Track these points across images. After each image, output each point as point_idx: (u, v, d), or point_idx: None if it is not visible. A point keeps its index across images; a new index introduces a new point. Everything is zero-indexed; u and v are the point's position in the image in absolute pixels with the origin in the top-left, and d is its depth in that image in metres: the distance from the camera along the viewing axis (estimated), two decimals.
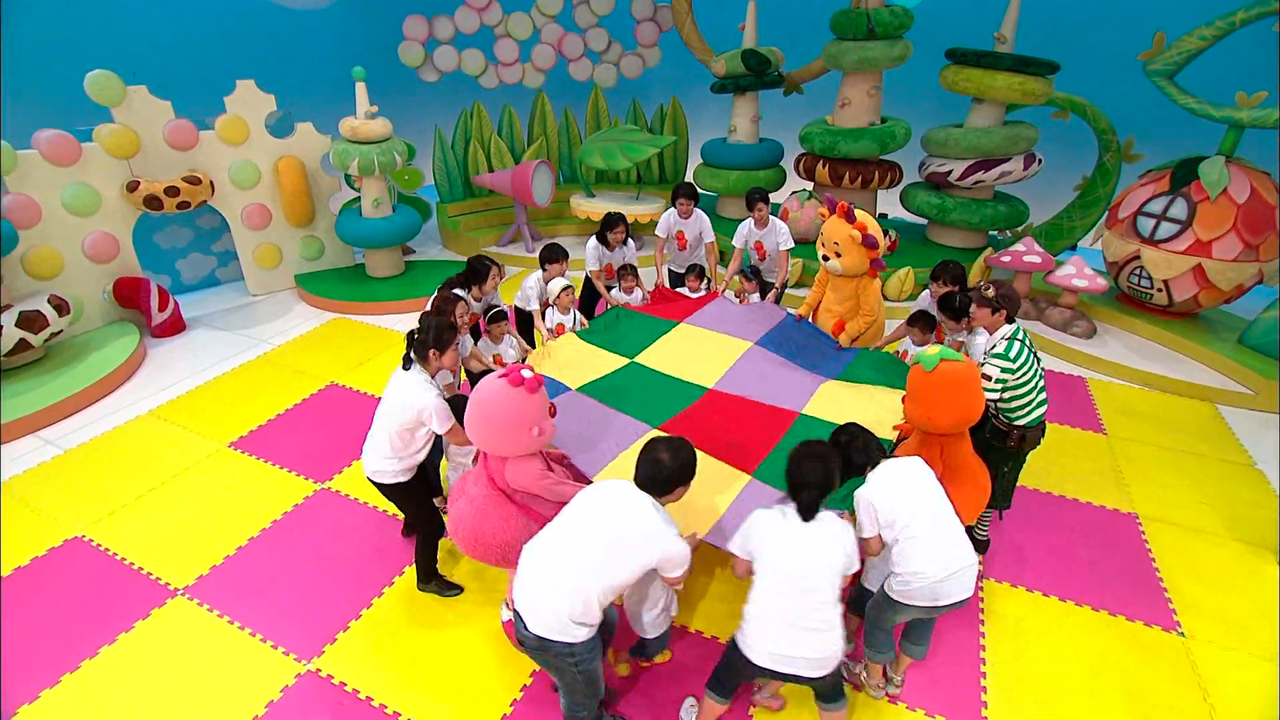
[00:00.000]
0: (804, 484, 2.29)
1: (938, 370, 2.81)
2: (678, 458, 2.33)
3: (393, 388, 3.02)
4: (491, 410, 2.63)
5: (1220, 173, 5.66)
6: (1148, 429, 5.07)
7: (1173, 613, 3.46)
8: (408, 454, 3.06)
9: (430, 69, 8.29)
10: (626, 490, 2.33)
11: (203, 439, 4.68)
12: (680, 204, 5.18)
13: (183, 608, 3.35)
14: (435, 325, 3.01)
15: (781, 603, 2.28)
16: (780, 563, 2.28)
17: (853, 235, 4.12)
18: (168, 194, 5.76)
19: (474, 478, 2.86)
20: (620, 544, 2.23)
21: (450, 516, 2.86)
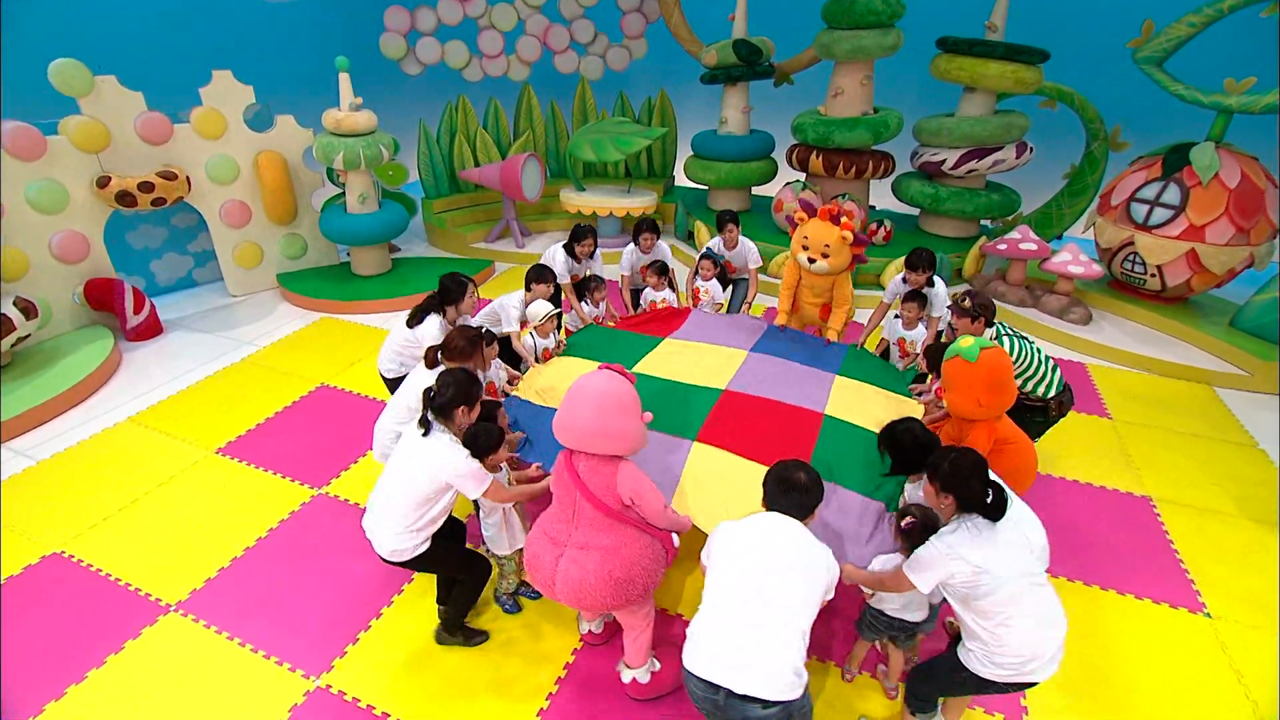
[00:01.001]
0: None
1: (981, 360, 2.93)
2: (810, 473, 2.25)
3: (412, 456, 2.64)
4: (606, 399, 2.38)
5: (1211, 158, 5.71)
6: (1151, 412, 5.09)
7: (1197, 594, 3.44)
8: (428, 523, 2.70)
9: (413, 61, 8.05)
10: (783, 523, 2.18)
11: (188, 445, 4.43)
12: (643, 239, 5.04)
13: (177, 625, 3.13)
14: (458, 381, 2.68)
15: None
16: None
17: (844, 236, 4.23)
18: (141, 190, 5.47)
19: (566, 521, 2.48)
20: (811, 576, 2.10)
21: (559, 575, 2.44)
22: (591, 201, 7.56)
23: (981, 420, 3.07)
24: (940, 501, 2.30)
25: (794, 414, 3.64)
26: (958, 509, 2.25)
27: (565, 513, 2.50)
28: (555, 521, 2.54)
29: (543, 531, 2.56)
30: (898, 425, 2.82)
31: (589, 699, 2.79)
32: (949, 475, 2.24)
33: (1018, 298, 6.55)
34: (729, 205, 7.96)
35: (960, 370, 3.00)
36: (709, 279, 5.01)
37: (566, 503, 2.50)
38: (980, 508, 2.18)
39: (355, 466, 4.23)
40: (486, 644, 3.04)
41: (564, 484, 2.50)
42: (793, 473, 2.23)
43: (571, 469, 2.48)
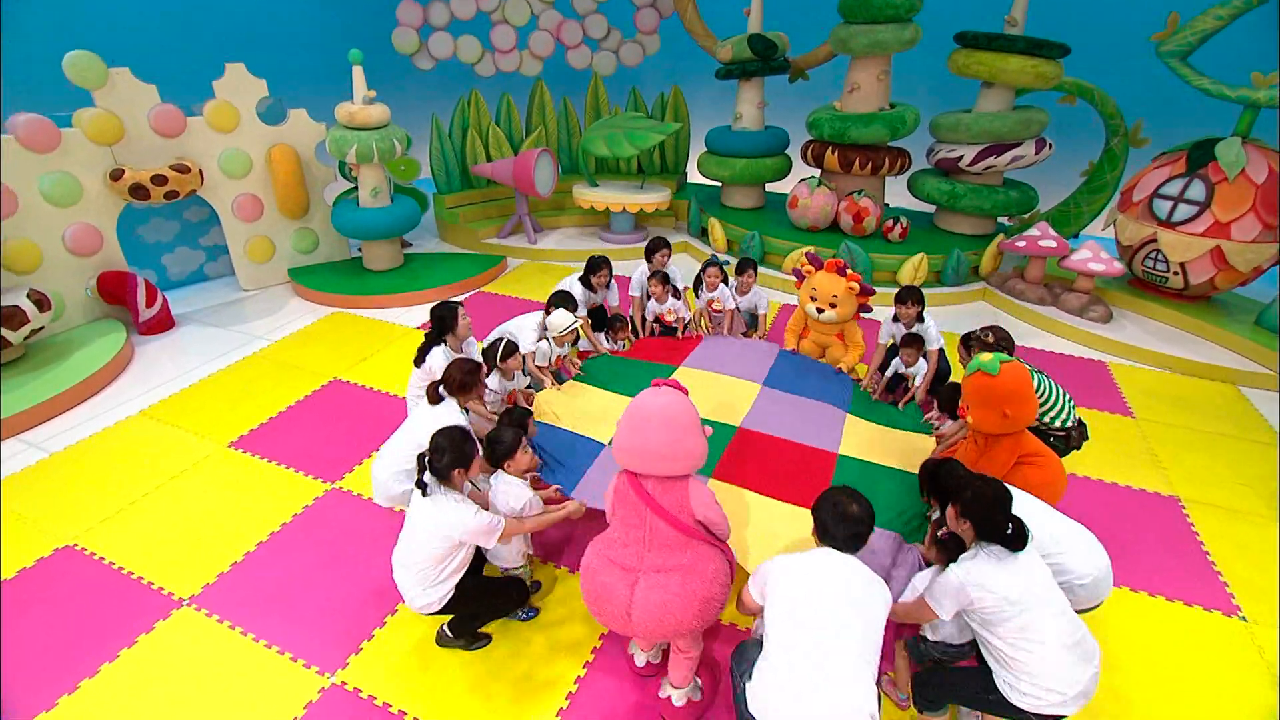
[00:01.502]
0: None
1: (1003, 372, 2.98)
2: (863, 503, 2.21)
3: (421, 518, 2.63)
4: (673, 418, 2.34)
5: (1237, 153, 5.61)
6: (1174, 411, 4.99)
7: (1231, 597, 3.35)
8: (450, 575, 2.69)
9: (425, 56, 8.02)
10: (841, 562, 2.15)
11: (200, 439, 4.40)
12: (658, 258, 5.06)
13: (190, 619, 3.09)
14: (452, 443, 2.63)
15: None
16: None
17: (850, 287, 4.47)
18: (154, 183, 5.45)
19: (638, 545, 2.35)
20: (875, 615, 2.07)
21: (636, 604, 2.31)
22: (604, 197, 7.50)
23: (1006, 434, 3.08)
24: (960, 526, 2.34)
25: (808, 454, 3.72)
26: (976, 536, 2.28)
27: (635, 536, 2.38)
28: (622, 547, 2.40)
29: (608, 560, 2.41)
30: (940, 465, 2.81)
31: (611, 699, 2.72)
32: (971, 502, 2.27)
33: (1037, 296, 6.45)
34: (744, 201, 7.91)
35: (983, 384, 3.04)
36: (715, 287, 5.00)
37: (636, 525, 2.38)
38: (1000, 539, 2.21)
39: (369, 461, 4.18)
40: (505, 643, 2.98)
41: (632, 506, 2.40)
42: (846, 505, 2.19)
43: (640, 490, 2.39)
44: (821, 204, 6.87)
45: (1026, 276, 6.62)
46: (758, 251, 7.10)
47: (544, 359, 4.36)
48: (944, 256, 6.67)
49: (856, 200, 6.80)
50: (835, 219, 7.06)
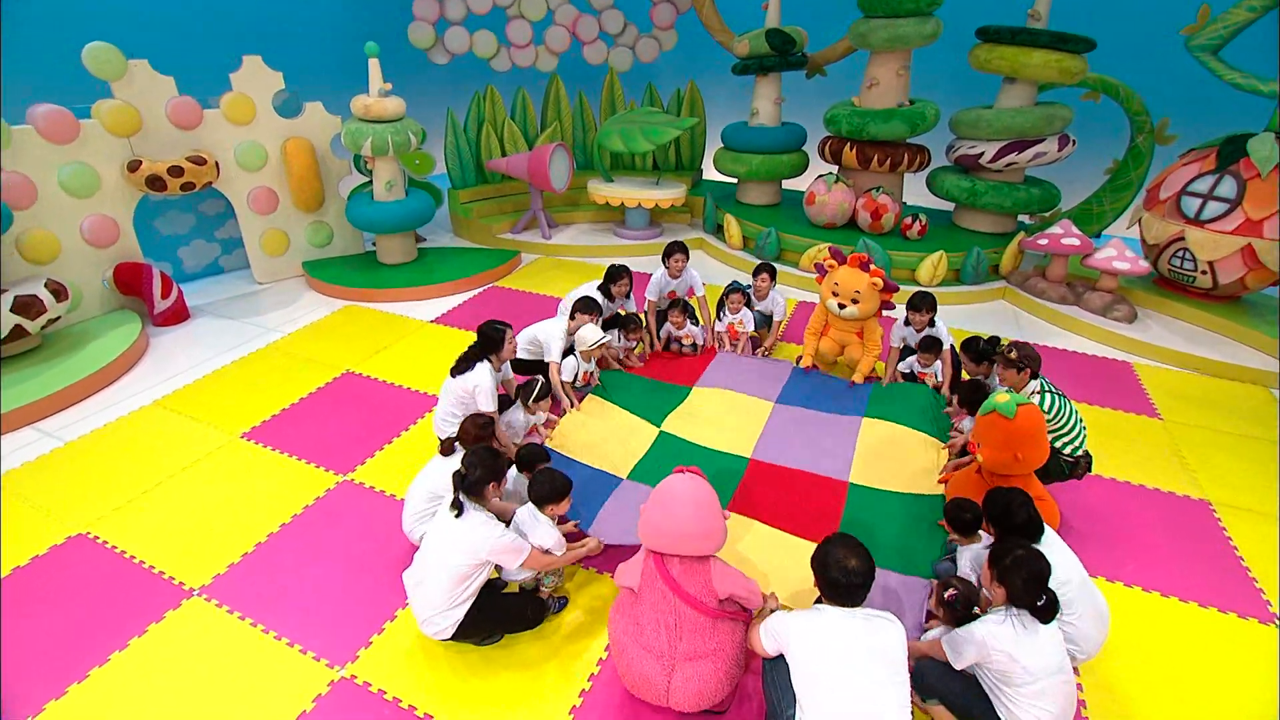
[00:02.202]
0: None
1: (1019, 415, 3.02)
2: (862, 558, 2.20)
3: (448, 537, 2.69)
4: (702, 504, 2.45)
5: (1271, 149, 5.46)
6: (1203, 413, 4.86)
7: (1267, 604, 3.24)
8: (467, 598, 2.71)
9: (441, 51, 8.00)
10: (850, 623, 2.17)
11: (213, 430, 4.38)
12: (674, 260, 5.04)
13: (200, 609, 3.06)
14: (483, 460, 2.79)
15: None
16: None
17: (874, 283, 4.44)
18: (171, 174, 5.45)
19: (669, 632, 2.39)
20: (896, 660, 2.13)
21: (673, 691, 2.38)
22: (619, 193, 7.45)
23: (1016, 475, 3.13)
24: (993, 588, 2.35)
25: (819, 484, 3.77)
26: (1009, 601, 2.29)
27: (665, 623, 2.43)
28: (654, 635, 2.43)
29: (642, 648, 2.44)
30: (964, 510, 2.87)
31: (625, 698, 2.66)
32: (1009, 570, 2.27)
33: (1059, 295, 6.32)
34: (760, 198, 7.83)
35: (997, 426, 3.07)
36: (738, 310, 5.02)
37: (665, 611, 2.43)
38: (1030, 609, 2.24)
39: (380, 454, 4.15)
40: (519, 639, 2.92)
41: (658, 591, 2.45)
42: (846, 561, 2.19)
43: (666, 575, 2.44)
44: (839, 201, 6.78)
45: (1048, 275, 6.49)
46: (774, 248, 7.02)
47: (570, 374, 4.35)
48: (963, 254, 6.56)
49: (875, 197, 6.70)
50: (853, 216, 6.96)
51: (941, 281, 6.58)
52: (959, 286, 6.62)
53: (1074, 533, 3.61)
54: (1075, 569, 2.64)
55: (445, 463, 3.07)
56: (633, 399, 4.41)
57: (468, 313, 6.16)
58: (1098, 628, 2.62)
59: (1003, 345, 3.68)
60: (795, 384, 4.70)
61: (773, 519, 3.45)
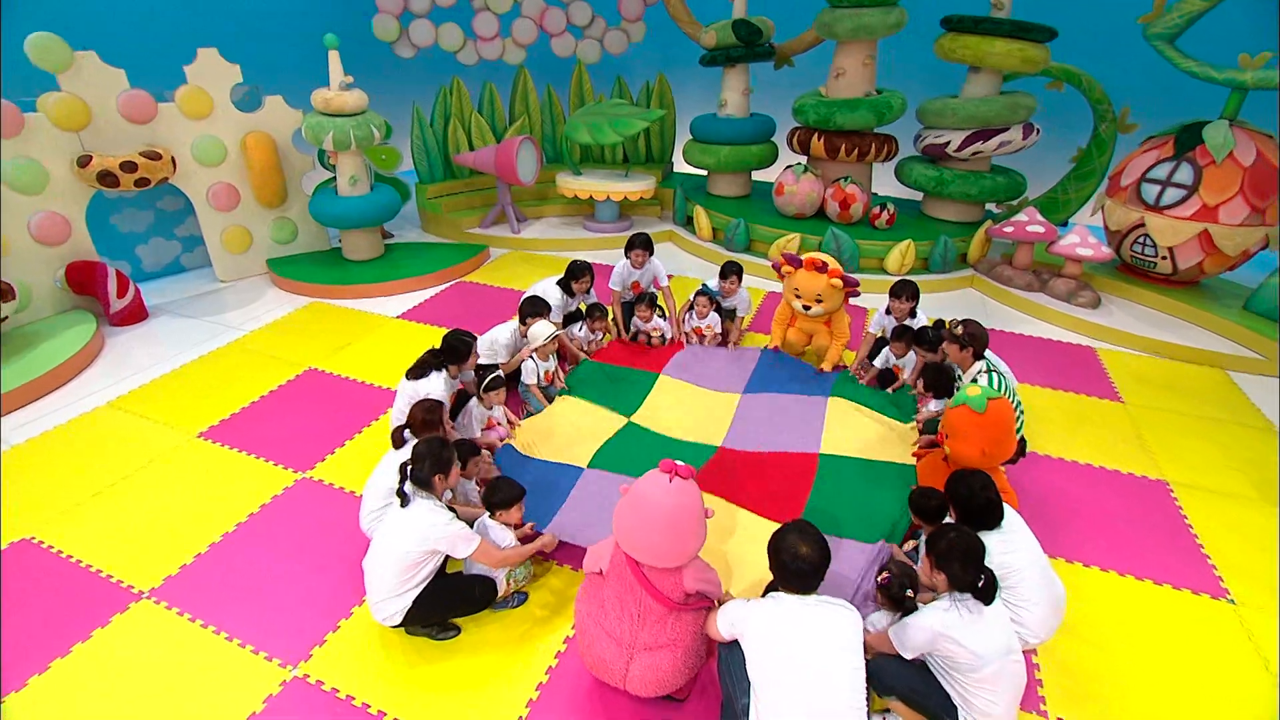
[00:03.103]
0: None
1: (990, 410, 3.00)
2: (816, 545, 2.17)
3: (398, 526, 2.67)
4: (680, 519, 2.31)
5: (1225, 136, 5.55)
6: (1164, 396, 4.94)
7: (1219, 580, 3.29)
8: (414, 586, 2.69)
9: (406, 44, 7.88)
10: (803, 611, 2.14)
11: (168, 430, 4.28)
12: (635, 255, 5.03)
13: (149, 612, 2.98)
14: (432, 450, 2.74)
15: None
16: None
17: (833, 284, 4.45)
18: (124, 170, 5.30)
19: (631, 622, 2.37)
20: (850, 646, 2.11)
21: (630, 678, 2.37)
22: (588, 186, 7.40)
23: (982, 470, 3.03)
24: (934, 576, 2.34)
25: (788, 460, 3.76)
26: (950, 586, 2.29)
27: (628, 612, 2.40)
28: (616, 621, 2.41)
29: (604, 632, 2.43)
30: (930, 499, 2.83)
31: (583, 689, 2.63)
32: (945, 554, 2.27)
33: (1025, 282, 6.38)
34: (730, 190, 7.82)
35: (967, 420, 3.04)
36: (705, 315, 5.04)
37: (629, 603, 2.40)
38: (971, 591, 2.24)
39: (341, 450, 4.07)
40: (476, 632, 2.88)
41: (625, 582, 2.41)
42: (798, 547, 2.17)
43: (635, 568, 2.40)
44: (807, 191, 6.79)
45: (1014, 263, 6.56)
46: (743, 239, 7.01)
47: (532, 376, 4.31)
48: (931, 243, 6.60)
49: (843, 187, 6.72)
50: (821, 206, 6.98)
51: (910, 270, 6.61)
52: (928, 275, 6.66)
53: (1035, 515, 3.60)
54: (1036, 555, 2.65)
55: (400, 456, 3.02)
56: (600, 393, 4.38)
57: (434, 308, 6.08)
58: (1053, 613, 2.64)
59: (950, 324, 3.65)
60: (762, 372, 4.69)
61: (741, 499, 3.42)
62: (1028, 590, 2.57)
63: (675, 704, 2.57)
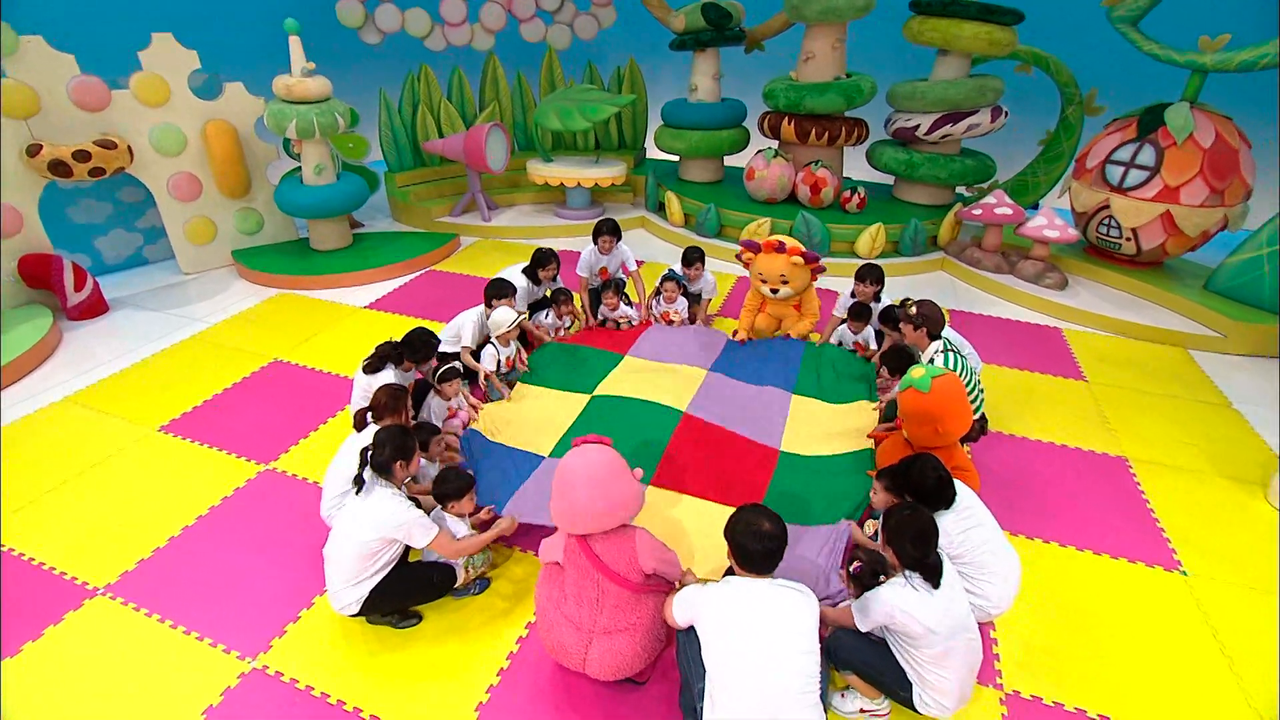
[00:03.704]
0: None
1: (935, 388, 3.01)
2: (775, 525, 2.20)
3: (356, 514, 2.65)
4: (596, 473, 2.35)
5: (1185, 118, 5.62)
6: (1126, 374, 5.02)
7: (1173, 552, 3.37)
8: (372, 575, 2.66)
9: (372, 30, 7.73)
10: (761, 591, 2.15)
11: (128, 424, 4.20)
12: (602, 241, 5.00)
13: (104, 608, 2.93)
14: (392, 436, 2.71)
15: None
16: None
17: (794, 262, 4.45)
18: (77, 159, 5.16)
19: (590, 607, 2.38)
20: (805, 628, 2.10)
21: (590, 661, 2.37)
22: (559, 172, 7.34)
23: (940, 448, 3.11)
24: (885, 551, 2.38)
25: (749, 449, 3.76)
26: (899, 563, 2.31)
27: (587, 597, 2.40)
28: (575, 605, 2.41)
29: (563, 616, 2.42)
30: (920, 464, 2.75)
31: (545, 673, 2.64)
32: (894, 532, 2.30)
33: (994, 264, 6.45)
34: (702, 175, 7.80)
35: (916, 401, 3.06)
36: (673, 300, 5.02)
37: (588, 588, 2.41)
38: (918, 569, 2.26)
39: (305, 441, 4.03)
40: (438, 619, 2.87)
41: (581, 569, 2.41)
42: (758, 525, 2.17)
43: (588, 552, 2.40)
44: (778, 175, 6.78)
45: (984, 245, 6.62)
46: (714, 225, 7.00)
47: (492, 363, 4.28)
48: (902, 227, 6.64)
49: (814, 171, 6.72)
50: (793, 191, 6.98)
51: (881, 254, 6.65)
52: (898, 258, 6.70)
53: (997, 492, 3.68)
54: (993, 531, 2.68)
55: (361, 440, 2.98)
56: (563, 375, 4.36)
57: (403, 298, 6.02)
58: (1009, 586, 2.67)
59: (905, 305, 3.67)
60: (729, 355, 4.70)
61: (700, 489, 3.44)
62: (988, 565, 2.61)
63: (636, 687, 2.58)
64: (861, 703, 2.50)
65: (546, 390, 4.26)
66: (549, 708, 2.52)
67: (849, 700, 2.52)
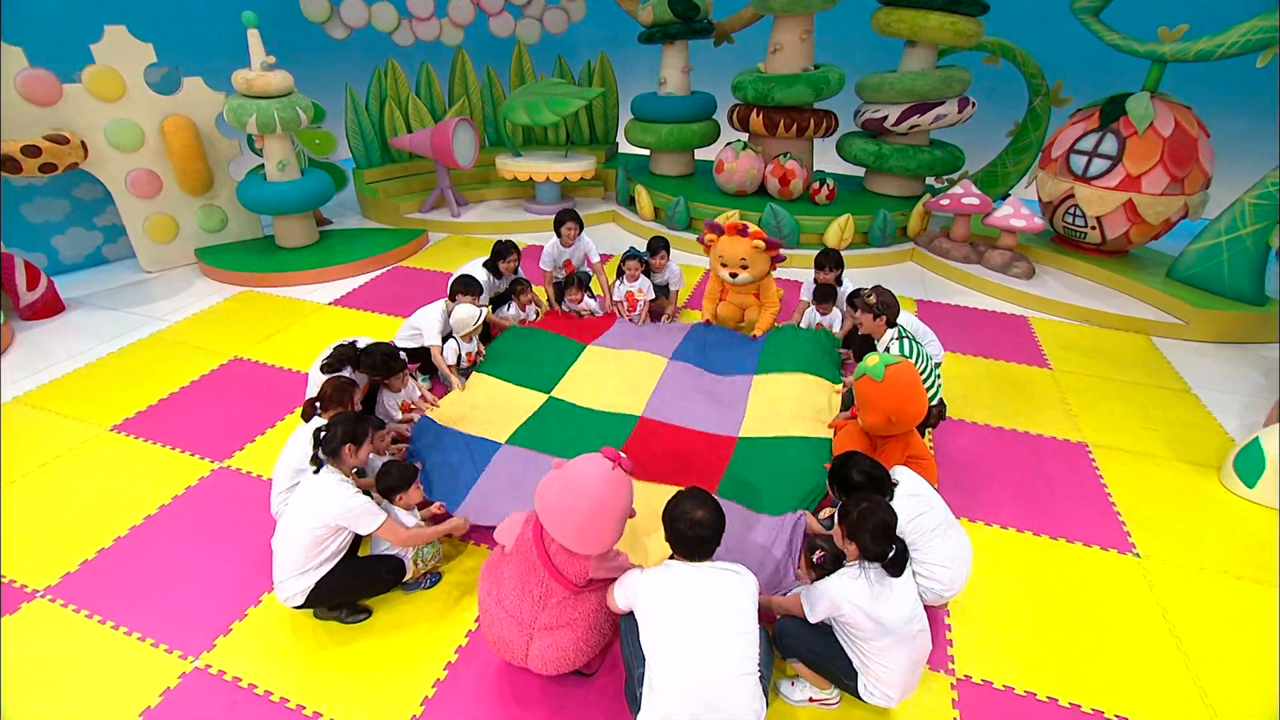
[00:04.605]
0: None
1: (888, 376, 3.00)
2: (708, 510, 2.14)
3: (301, 499, 2.64)
4: (605, 509, 2.26)
5: (1146, 107, 5.68)
6: (1090, 362, 5.07)
7: (1127, 535, 3.39)
8: (320, 565, 2.63)
9: (338, 24, 7.63)
10: (696, 576, 2.12)
11: (79, 424, 4.11)
12: (565, 230, 4.96)
13: (42, 611, 2.86)
14: (345, 421, 2.71)
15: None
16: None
17: (755, 246, 4.44)
18: (26, 154, 5.04)
19: (533, 603, 2.33)
20: (742, 611, 2.08)
21: (531, 657, 2.34)
22: (528, 167, 7.29)
23: (895, 436, 3.14)
24: (845, 545, 2.34)
25: (707, 441, 3.75)
26: (860, 556, 2.27)
27: (529, 593, 2.35)
28: (516, 600, 2.35)
29: (504, 611, 2.36)
30: (850, 465, 2.72)
31: (489, 672, 2.60)
32: (855, 524, 2.26)
33: (962, 254, 6.48)
34: (672, 169, 7.78)
35: (869, 389, 3.06)
36: (635, 278, 4.94)
37: (532, 583, 2.35)
38: (881, 562, 2.24)
39: (261, 438, 3.96)
40: (387, 614, 2.83)
41: (528, 562, 2.36)
42: (691, 512, 2.14)
43: (541, 549, 2.35)
44: (747, 168, 6.78)
45: (952, 235, 6.65)
46: (684, 218, 6.99)
47: (453, 357, 4.25)
48: (871, 217, 6.65)
49: (783, 163, 6.72)
50: (762, 183, 6.98)
51: (850, 245, 6.66)
52: (868, 249, 6.72)
53: (956, 479, 3.71)
54: (942, 515, 2.68)
55: (307, 431, 2.93)
56: (521, 369, 4.30)
57: (369, 293, 5.95)
58: (961, 568, 2.67)
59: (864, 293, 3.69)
60: (691, 340, 4.66)
61: (657, 475, 3.41)
62: (938, 549, 2.61)
63: (584, 679, 2.55)
64: (811, 692, 2.49)
65: (503, 384, 4.21)
66: (494, 701, 2.49)
67: (798, 689, 2.51)
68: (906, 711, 2.51)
